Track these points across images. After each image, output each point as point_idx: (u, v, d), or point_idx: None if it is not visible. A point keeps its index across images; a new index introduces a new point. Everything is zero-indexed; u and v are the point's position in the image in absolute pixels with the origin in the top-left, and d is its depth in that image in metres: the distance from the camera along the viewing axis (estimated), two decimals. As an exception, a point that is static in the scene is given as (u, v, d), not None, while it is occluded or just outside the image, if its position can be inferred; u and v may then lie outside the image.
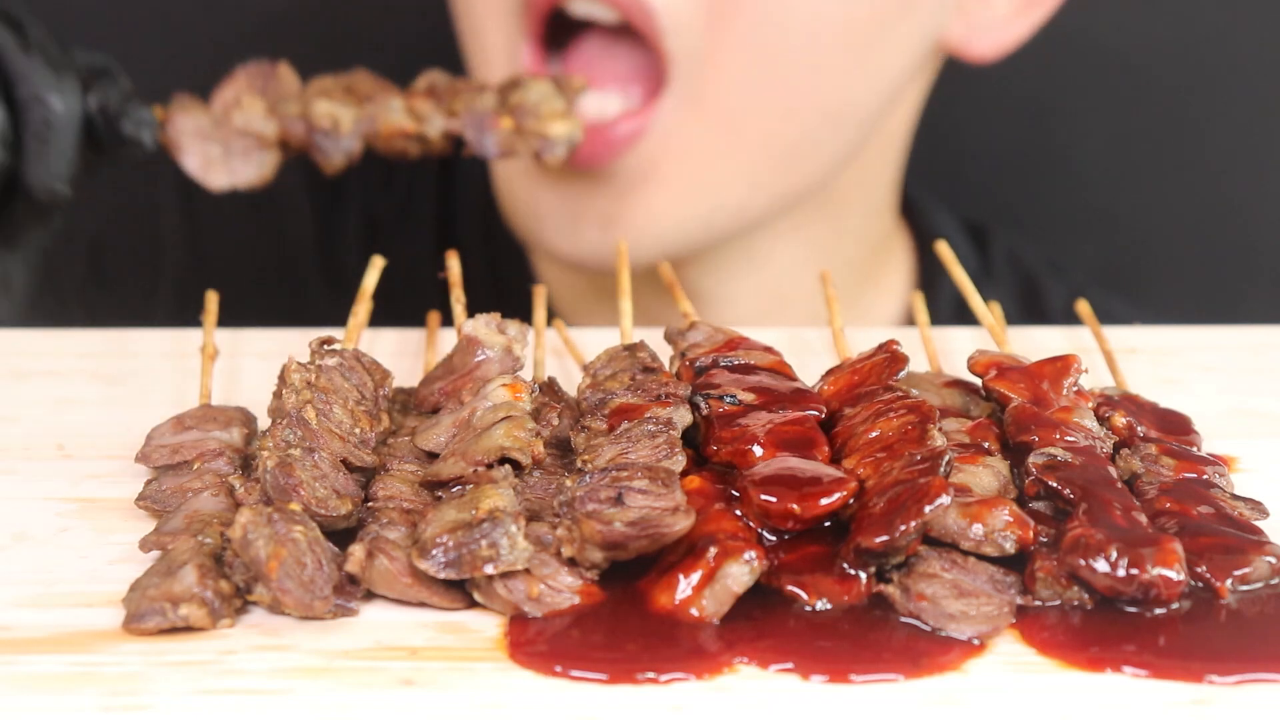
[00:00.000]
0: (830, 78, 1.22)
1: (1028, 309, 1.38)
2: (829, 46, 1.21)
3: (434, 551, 0.78)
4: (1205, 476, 0.87)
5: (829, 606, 0.79)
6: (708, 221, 1.26)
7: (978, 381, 0.93)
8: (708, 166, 1.24)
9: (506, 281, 1.41)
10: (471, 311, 0.96)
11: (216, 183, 1.15)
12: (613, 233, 1.23)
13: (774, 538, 0.82)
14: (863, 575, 0.79)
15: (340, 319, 0.99)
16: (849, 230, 1.37)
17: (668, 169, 1.23)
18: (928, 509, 0.79)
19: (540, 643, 0.76)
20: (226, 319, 1.01)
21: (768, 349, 0.94)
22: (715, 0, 1.18)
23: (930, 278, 1.41)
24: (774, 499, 0.82)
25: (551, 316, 1.08)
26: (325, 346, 0.91)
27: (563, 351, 1.06)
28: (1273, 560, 0.81)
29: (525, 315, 0.97)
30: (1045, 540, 0.82)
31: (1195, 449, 0.91)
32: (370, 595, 0.80)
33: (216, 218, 1.45)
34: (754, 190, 1.26)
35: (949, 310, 1.36)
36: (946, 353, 1.04)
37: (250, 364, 1.04)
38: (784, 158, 1.25)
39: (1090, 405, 0.91)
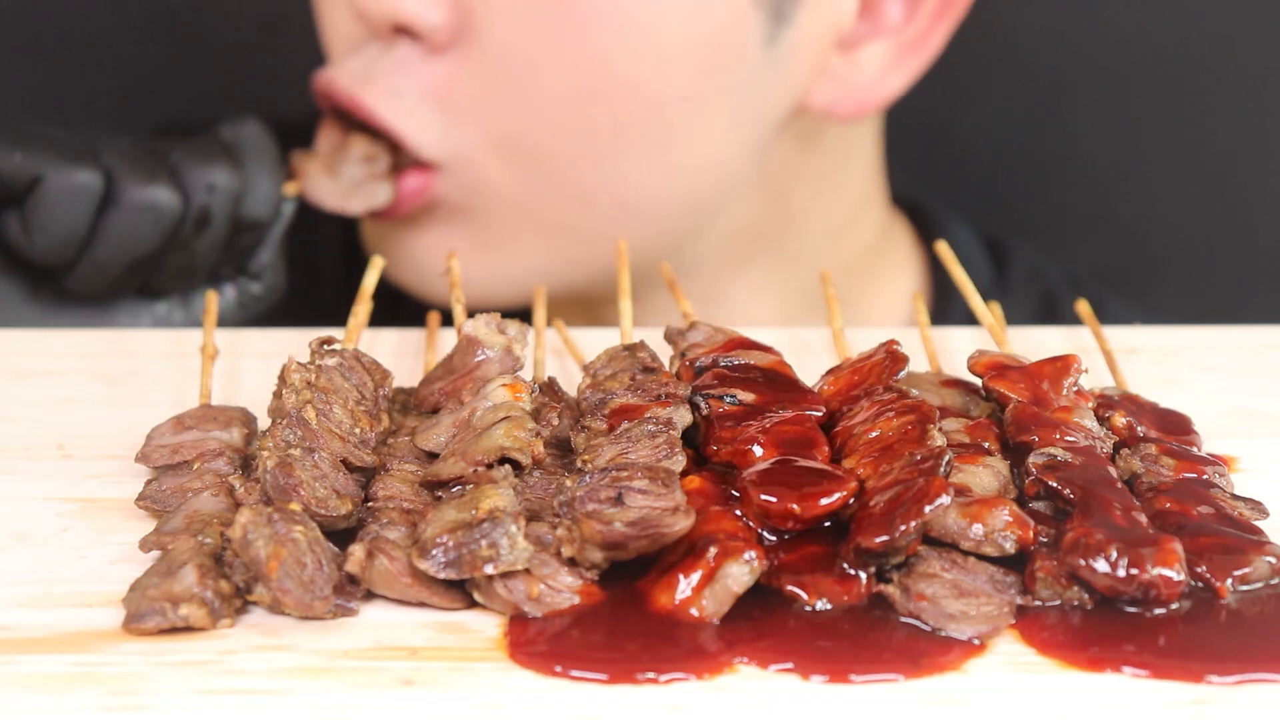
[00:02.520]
0: (616, 172, 1.23)
1: (1045, 323, 1.37)
2: (600, 144, 1.22)
3: (434, 551, 0.78)
4: (1205, 476, 0.87)
5: (829, 606, 0.79)
6: (522, 281, 1.26)
7: (978, 381, 0.93)
8: (505, 233, 1.26)
9: None
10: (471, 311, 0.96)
11: (355, 209, 1.24)
12: (403, 273, 1.28)
13: (774, 538, 0.82)
14: (863, 575, 0.79)
15: (330, 316, 0.99)
16: (797, 257, 1.37)
17: (470, 225, 1.26)
18: (928, 509, 0.79)
19: (540, 643, 0.76)
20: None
21: (768, 349, 0.94)
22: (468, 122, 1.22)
23: (942, 289, 1.41)
24: (774, 499, 0.82)
25: (551, 317, 1.08)
26: (325, 346, 0.91)
27: (563, 351, 1.06)
28: (1273, 560, 0.81)
29: (524, 315, 0.97)
30: (1045, 540, 0.82)
31: (1195, 449, 0.91)
32: (370, 595, 0.80)
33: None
34: (562, 263, 1.27)
35: (960, 320, 1.36)
36: (946, 353, 1.04)
37: (250, 364, 1.04)
38: (590, 240, 1.26)
39: (1090, 405, 0.91)
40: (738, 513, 0.82)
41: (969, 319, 1.05)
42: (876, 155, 1.40)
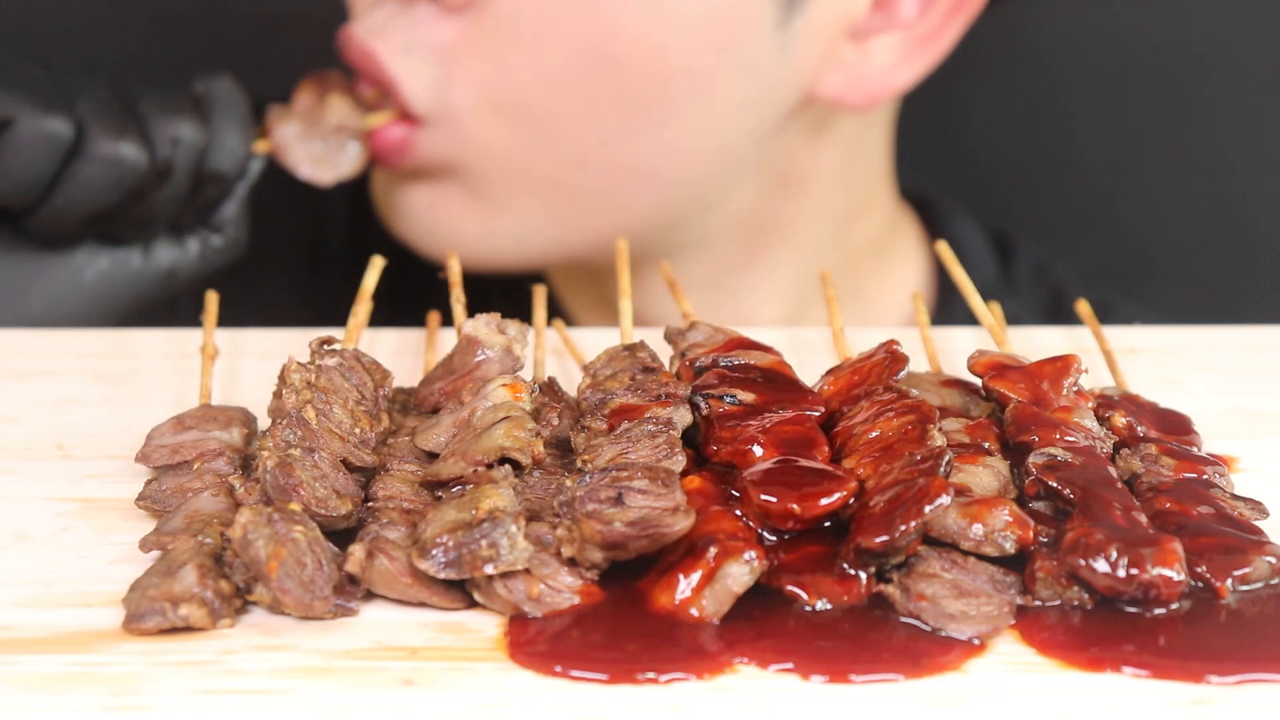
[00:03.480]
0: (615, 142, 1.24)
1: (1053, 319, 1.36)
2: (601, 113, 1.23)
3: (434, 551, 0.78)
4: (1205, 476, 0.87)
5: (829, 606, 0.79)
6: (520, 241, 1.28)
7: (978, 381, 0.93)
8: (498, 191, 1.26)
9: (502, 281, 1.42)
10: (471, 311, 0.96)
11: (325, 179, 1.24)
12: (445, 232, 1.28)
13: (774, 538, 0.82)
14: (863, 575, 0.79)
15: (330, 316, 0.99)
16: (808, 254, 1.37)
17: (462, 181, 1.27)
18: (928, 509, 0.79)
19: (540, 643, 0.76)
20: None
21: (768, 349, 0.94)
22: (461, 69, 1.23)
23: (946, 282, 1.41)
24: (774, 499, 0.82)
25: (552, 316, 1.08)
26: (325, 346, 0.91)
27: (563, 351, 1.06)
28: (1273, 560, 0.81)
29: (523, 315, 0.97)
30: (1045, 540, 0.82)
31: (1195, 449, 0.91)
32: (370, 595, 0.80)
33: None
34: (559, 224, 1.28)
35: (965, 315, 1.36)
36: (946, 353, 1.04)
37: (250, 364, 1.04)
38: (585, 201, 1.27)
39: (1090, 405, 0.91)
40: (738, 513, 0.82)
41: (973, 317, 1.06)
42: (886, 147, 1.40)
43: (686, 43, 1.21)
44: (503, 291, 1.29)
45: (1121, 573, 0.78)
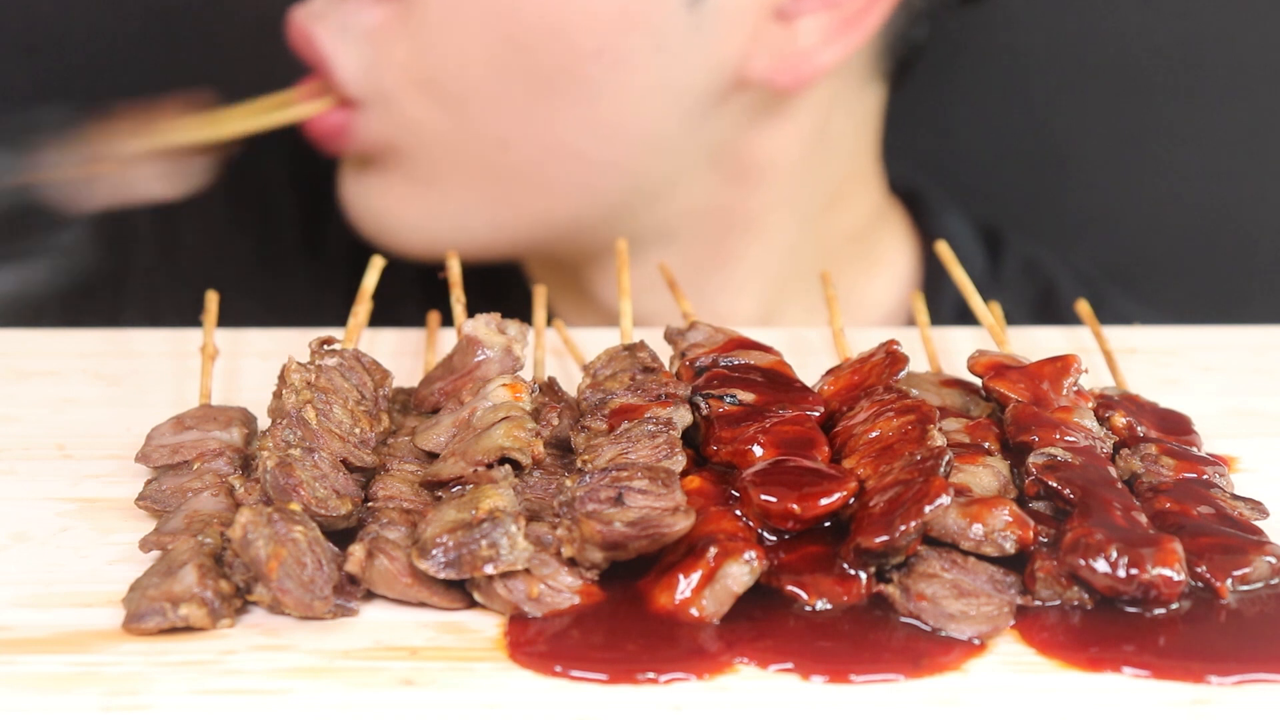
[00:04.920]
0: (535, 119, 1.25)
1: (1043, 317, 1.36)
2: (517, 90, 1.24)
3: (434, 551, 0.78)
4: (1205, 476, 0.87)
5: (829, 606, 0.79)
6: (461, 225, 1.29)
7: (978, 381, 0.93)
8: (434, 173, 1.28)
9: (503, 281, 1.41)
10: (470, 312, 0.96)
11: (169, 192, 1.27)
12: (391, 219, 1.30)
13: (774, 538, 0.82)
14: (863, 575, 0.79)
15: (324, 316, 0.99)
16: (779, 251, 1.37)
17: (402, 166, 1.29)
18: (928, 509, 0.79)
19: (540, 643, 0.76)
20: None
21: (768, 349, 0.94)
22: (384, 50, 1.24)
23: (934, 276, 1.41)
24: (774, 499, 0.82)
25: (551, 317, 1.08)
26: (325, 346, 0.91)
27: (563, 351, 1.06)
28: (1273, 560, 0.81)
29: (522, 315, 0.97)
30: (1045, 540, 0.82)
31: (1195, 449, 0.91)
32: (370, 595, 0.80)
33: (191, 213, 1.45)
34: (496, 207, 1.29)
35: (952, 310, 1.35)
36: (946, 353, 1.04)
37: (250, 364, 1.04)
38: (514, 184, 1.28)
39: (1090, 405, 0.91)
40: (738, 513, 0.82)
41: (962, 308, 1.06)
42: (865, 140, 1.39)
43: (590, 23, 1.23)
44: (502, 291, 1.29)
45: (1121, 573, 0.78)
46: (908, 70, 1.39)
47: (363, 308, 0.98)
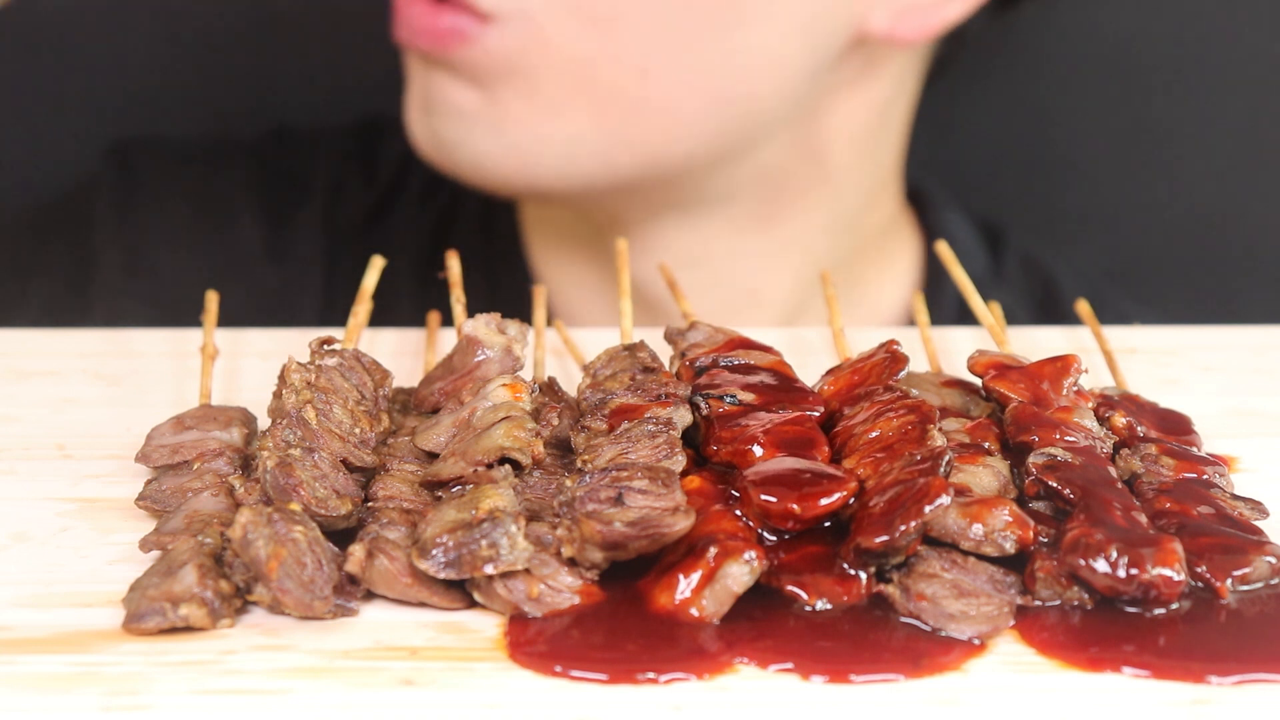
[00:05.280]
0: (682, 46, 1.22)
1: (1044, 314, 1.36)
2: (673, 14, 1.21)
3: (434, 551, 0.78)
4: (1205, 476, 0.87)
5: (829, 606, 0.79)
6: (568, 154, 1.25)
7: (978, 381, 0.93)
8: (558, 95, 1.24)
9: (501, 282, 1.41)
10: (470, 312, 0.96)
11: None
12: (455, 129, 1.26)
13: (774, 538, 0.82)
14: (863, 575, 0.79)
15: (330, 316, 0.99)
16: (822, 229, 1.36)
17: (507, 83, 1.24)
18: (928, 509, 0.79)
19: (540, 643, 0.76)
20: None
21: (768, 349, 0.94)
22: None
23: (935, 275, 1.41)
24: (774, 499, 0.82)
25: (551, 317, 1.08)
26: (325, 346, 0.91)
27: (563, 351, 1.06)
28: (1273, 560, 0.81)
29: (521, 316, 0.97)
30: (1045, 540, 0.82)
31: (1195, 449, 0.91)
32: (370, 595, 0.80)
33: (155, 231, 1.44)
34: (611, 139, 1.26)
35: (953, 309, 1.35)
36: (946, 353, 1.04)
37: (250, 364, 1.04)
38: (642, 115, 1.25)
39: (1090, 405, 0.91)
40: (738, 513, 0.82)
41: (964, 308, 1.05)
42: (902, 135, 1.39)
43: None
44: (501, 291, 1.29)
45: (1121, 573, 0.78)
46: (945, 68, 1.39)
47: (363, 308, 0.98)
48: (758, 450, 0.86)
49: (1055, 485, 0.84)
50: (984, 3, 1.29)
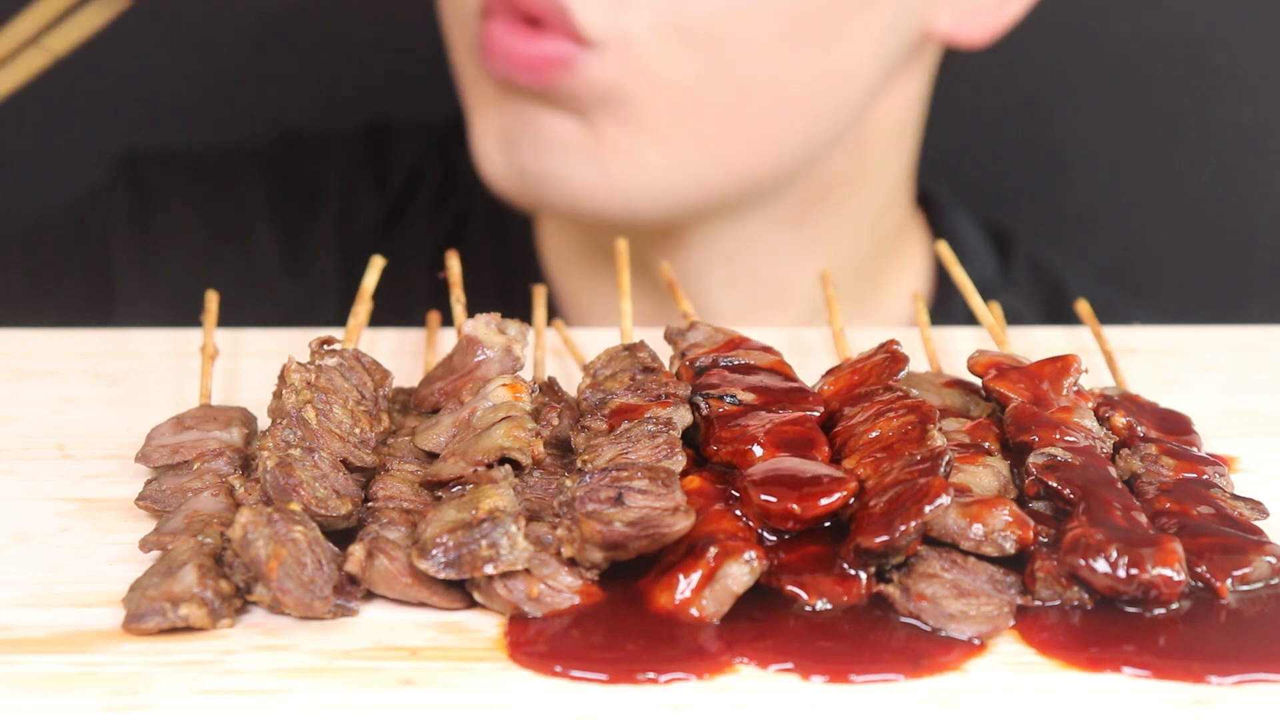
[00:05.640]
0: (784, 64, 1.22)
1: (1052, 318, 1.36)
2: (778, 33, 1.20)
3: (434, 551, 0.78)
4: (1205, 476, 0.87)
5: (829, 606, 0.79)
6: (668, 181, 1.24)
7: (978, 381, 0.93)
8: (659, 122, 1.22)
9: (515, 286, 1.41)
10: (471, 312, 0.96)
11: None
12: (548, 161, 1.23)
13: (774, 538, 0.82)
14: (863, 575, 0.79)
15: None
16: (851, 226, 1.37)
17: (606, 111, 1.22)
18: (928, 509, 0.79)
19: (540, 643, 0.76)
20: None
21: (768, 349, 0.94)
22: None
23: (944, 278, 1.41)
24: (774, 499, 0.82)
25: (551, 317, 1.08)
26: (325, 346, 0.91)
27: (563, 351, 1.06)
28: (1273, 560, 0.81)
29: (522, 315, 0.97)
30: (1045, 540, 0.82)
31: (1195, 449, 0.91)
32: (370, 595, 0.80)
33: (170, 241, 1.44)
34: (710, 162, 1.25)
35: (963, 313, 1.36)
36: (947, 353, 1.04)
37: (250, 364, 1.04)
38: (742, 137, 1.24)
39: (1090, 405, 0.91)
40: (738, 513, 0.82)
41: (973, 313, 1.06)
42: (918, 137, 1.39)
43: None
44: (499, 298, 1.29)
45: (1121, 573, 0.78)
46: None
47: (363, 308, 0.98)
48: (758, 450, 0.86)
49: (1055, 485, 0.84)
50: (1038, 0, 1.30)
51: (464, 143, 1.42)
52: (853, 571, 0.80)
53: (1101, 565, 0.78)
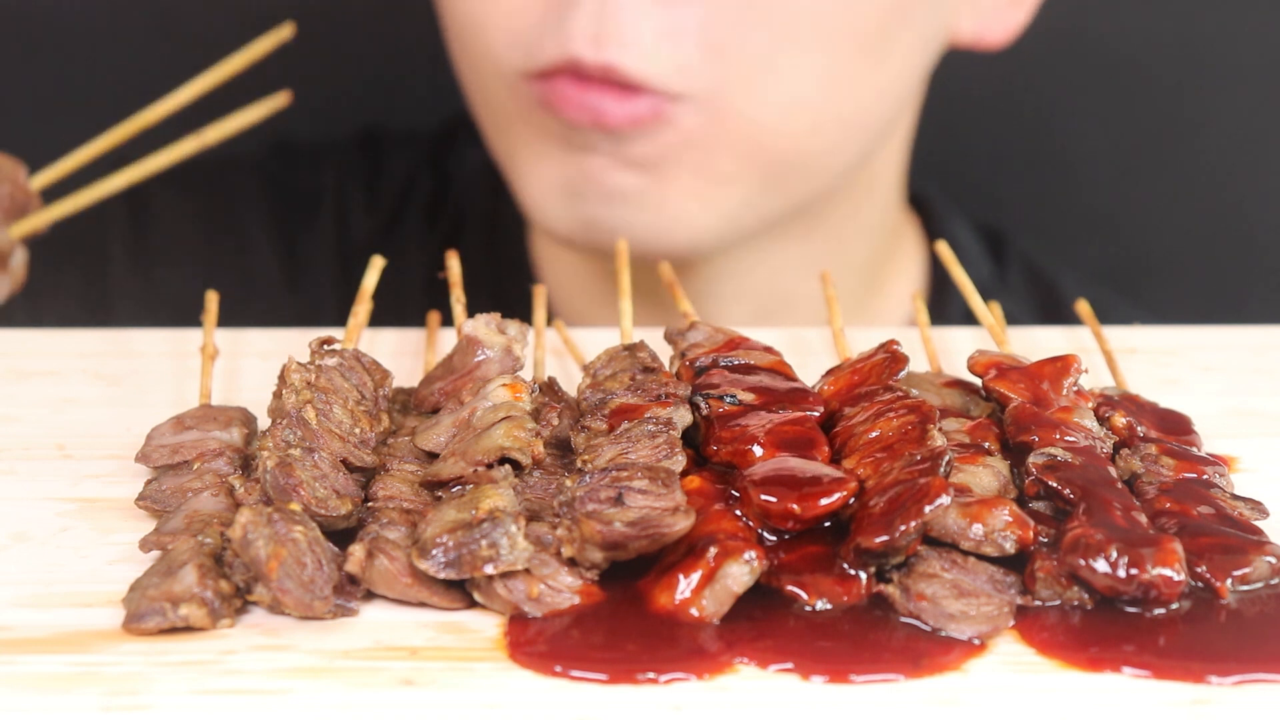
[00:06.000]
0: (846, 90, 1.22)
1: (1047, 322, 1.36)
2: (843, 59, 1.21)
3: (434, 551, 0.78)
4: (1205, 476, 0.87)
5: (829, 606, 0.79)
6: (733, 217, 1.25)
7: (978, 381, 0.93)
8: (733, 165, 1.23)
9: (506, 290, 1.41)
10: (471, 312, 0.96)
11: None
12: (615, 212, 1.23)
13: (774, 538, 0.82)
14: (863, 575, 0.79)
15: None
16: (855, 232, 1.37)
17: (680, 160, 1.22)
18: (928, 509, 0.79)
19: (540, 643, 0.76)
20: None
21: (768, 349, 0.94)
22: (719, 48, 1.18)
23: (941, 280, 1.41)
24: (774, 499, 0.82)
25: (551, 317, 1.08)
26: (325, 346, 0.91)
27: (563, 351, 1.06)
28: (1273, 560, 0.81)
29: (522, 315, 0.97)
30: (1045, 540, 0.82)
31: (1195, 449, 0.91)
32: (370, 595, 0.80)
33: (168, 255, 1.44)
34: (771, 194, 1.26)
35: (959, 315, 1.36)
36: (946, 353, 1.04)
37: (250, 364, 1.04)
38: (805, 166, 1.25)
39: (1090, 405, 0.91)
40: (738, 513, 0.82)
41: (969, 313, 1.06)
42: (906, 157, 1.40)
43: None
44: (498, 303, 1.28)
45: (1121, 573, 0.78)
46: None
47: (363, 308, 0.98)
48: (758, 450, 0.86)
49: (1055, 485, 0.84)
50: None
51: (456, 150, 1.42)
52: (853, 571, 0.80)
53: (1101, 565, 0.78)
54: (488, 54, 1.23)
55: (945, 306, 1.37)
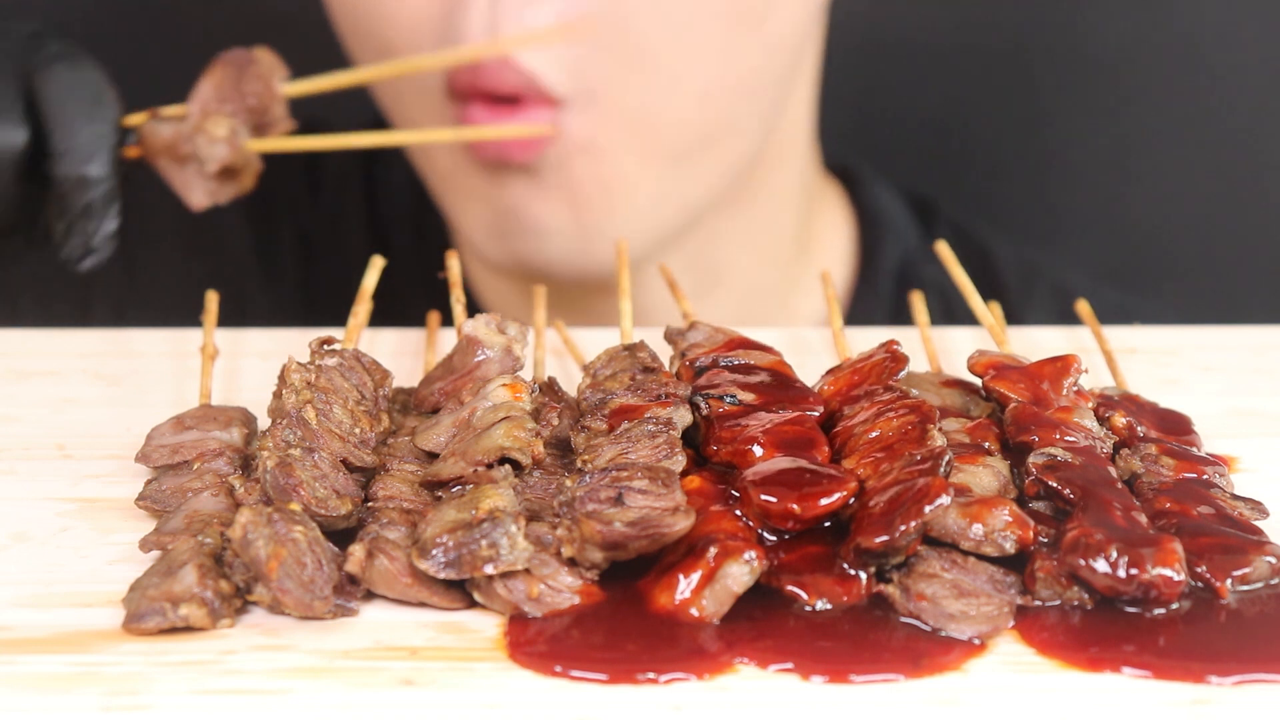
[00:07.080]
0: (732, 56, 1.21)
1: (979, 285, 1.35)
2: (720, 29, 1.20)
3: (434, 551, 0.78)
4: (1205, 476, 0.87)
5: (829, 606, 0.79)
6: (656, 215, 1.24)
7: (978, 381, 0.93)
8: (638, 160, 1.22)
9: (439, 285, 1.41)
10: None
11: (197, 202, 1.10)
12: (542, 245, 1.24)
13: (774, 538, 0.82)
14: (863, 575, 0.79)
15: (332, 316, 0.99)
16: (779, 198, 1.36)
17: (588, 175, 1.22)
18: (928, 509, 0.79)
19: (540, 643, 0.76)
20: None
21: (768, 349, 0.94)
22: (596, 49, 1.18)
23: (870, 248, 1.40)
24: (774, 499, 0.82)
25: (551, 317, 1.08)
26: (325, 346, 0.91)
27: (563, 351, 1.06)
28: (1273, 560, 0.81)
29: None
30: (1045, 540, 0.82)
31: (1195, 449, 0.91)
32: (370, 595, 0.80)
33: (149, 237, 1.43)
34: (687, 181, 1.25)
35: (889, 282, 1.35)
36: (946, 353, 1.04)
37: (250, 364, 1.04)
38: (713, 142, 1.24)
39: (1090, 405, 0.91)
40: (738, 513, 0.82)
41: (899, 280, 1.05)
42: (813, 119, 1.39)
43: None
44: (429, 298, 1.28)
45: (1121, 573, 0.78)
46: None
47: (363, 308, 0.98)
48: (758, 450, 0.86)
49: (1055, 485, 0.84)
50: None
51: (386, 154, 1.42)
52: (853, 571, 0.80)
53: (1101, 565, 0.78)
54: (391, 51, 1.23)
55: (870, 287, 1.36)
